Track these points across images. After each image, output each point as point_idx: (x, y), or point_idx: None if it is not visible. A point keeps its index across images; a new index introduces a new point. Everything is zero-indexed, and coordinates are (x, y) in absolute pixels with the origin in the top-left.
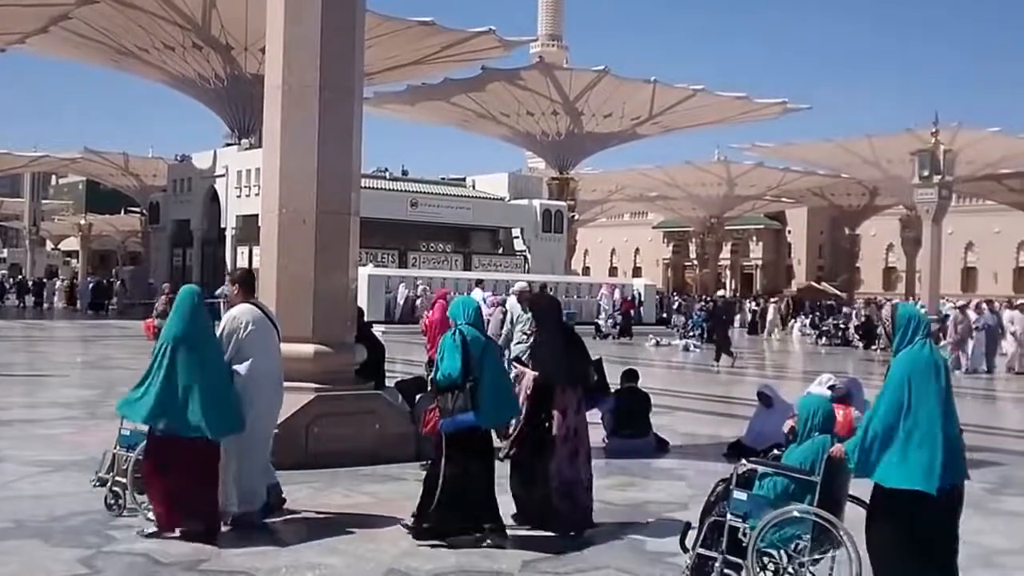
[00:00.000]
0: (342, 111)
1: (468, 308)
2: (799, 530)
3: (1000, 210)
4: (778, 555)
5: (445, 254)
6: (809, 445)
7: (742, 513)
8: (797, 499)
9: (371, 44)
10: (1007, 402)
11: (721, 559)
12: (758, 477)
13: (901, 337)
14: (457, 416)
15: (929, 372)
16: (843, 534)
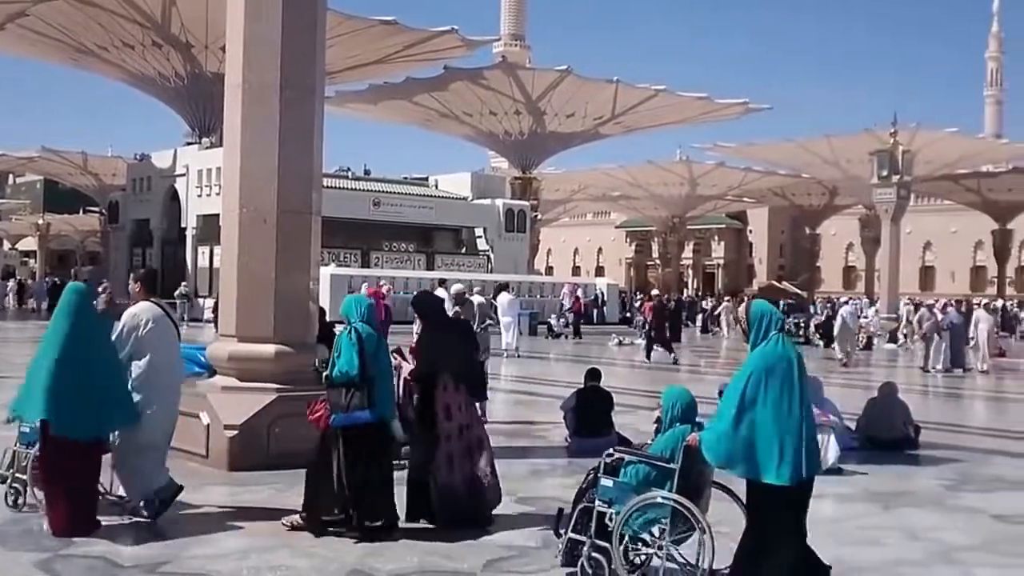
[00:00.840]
0: (303, 110)
1: (361, 306)
2: (659, 514)
3: (957, 210)
4: (649, 538)
5: (408, 254)
6: (670, 434)
7: (608, 499)
8: (658, 485)
9: (333, 43)
10: (967, 400)
11: (589, 543)
12: (624, 465)
13: (755, 333)
14: (353, 412)
15: (780, 367)
16: (699, 518)
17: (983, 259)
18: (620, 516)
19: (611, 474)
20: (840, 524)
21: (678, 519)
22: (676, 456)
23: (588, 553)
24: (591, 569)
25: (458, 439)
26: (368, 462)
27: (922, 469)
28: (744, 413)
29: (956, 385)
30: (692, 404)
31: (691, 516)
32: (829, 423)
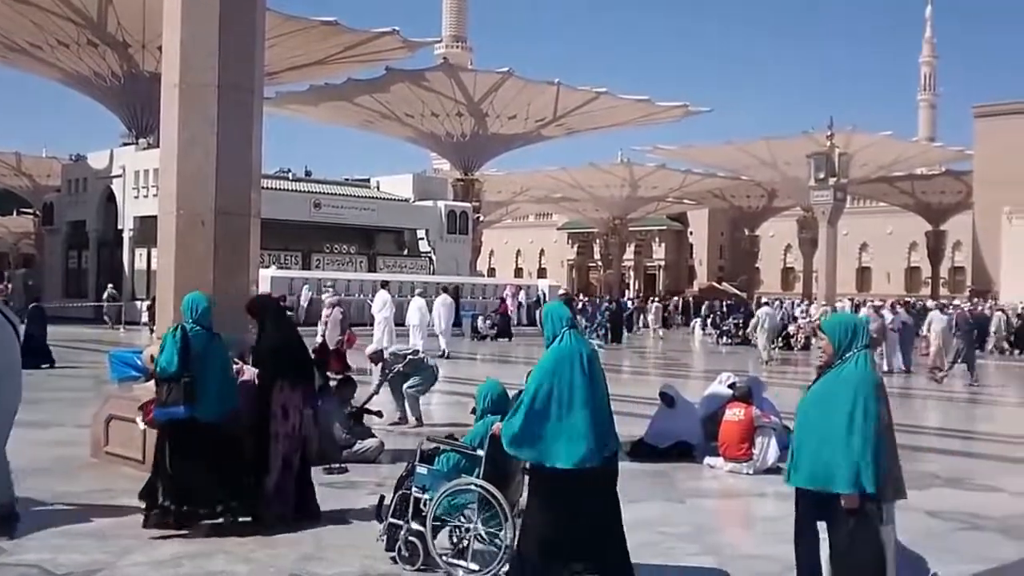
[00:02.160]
0: (241, 110)
1: (195, 305)
2: (468, 499)
3: (892, 211)
4: (462, 521)
5: (349, 255)
6: (480, 425)
7: (423, 485)
8: (467, 472)
9: (273, 43)
10: (908, 399)
11: (406, 527)
12: (439, 454)
13: (551, 330)
14: (169, 408)
15: (572, 361)
16: (501, 501)
17: (917, 260)
18: (433, 501)
19: (427, 462)
20: (780, 522)
21: (485, 504)
22: (485, 445)
23: (405, 537)
24: (407, 552)
25: (295, 438)
26: (189, 455)
27: None
28: (536, 405)
29: (898, 386)
30: (503, 396)
31: (494, 500)
32: (770, 424)
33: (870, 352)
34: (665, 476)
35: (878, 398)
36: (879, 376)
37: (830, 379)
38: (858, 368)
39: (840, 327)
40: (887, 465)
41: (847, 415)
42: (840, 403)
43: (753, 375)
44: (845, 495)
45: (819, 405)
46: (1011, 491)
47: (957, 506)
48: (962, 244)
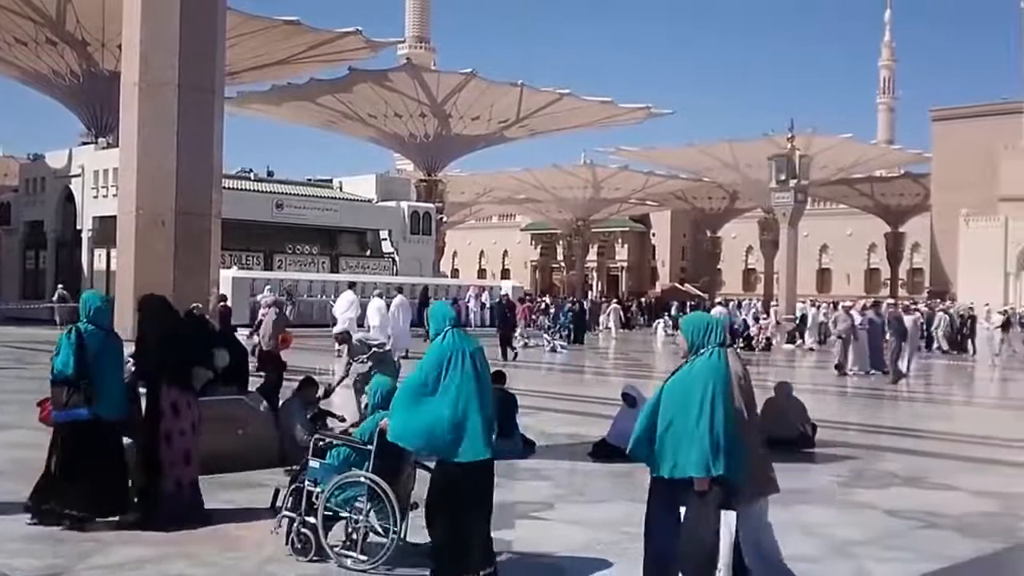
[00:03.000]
0: (202, 109)
1: (89, 305)
2: (358, 492)
3: (852, 213)
4: (352, 512)
5: (312, 256)
6: (370, 419)
7: (315, 479)
8: (358, 466)
9: (234, 42)
10: (872, 400)
11: (299, 519)
12: (330, 448)
13: (435, 328)
14: (71, 409)
15: (455, 359)
16: (388, 493)
17: (877, 261)
18: (324, 494)
19: (319, 456)
20: None
21: (374, 496)
22: (374, 439)
23: (297, 528)
24: (300, 543)
25: (190, 436)
26: (85, 456)
27: (818, 467)
28: (422, 400)
29: (861, 386)
30: (392, 392)
31: (382, 493)
32: None
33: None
34: (627, 476)
35: (728, 390)
36: (740, 370)
37: (684, 373)
38: (710, 361)
39: (695, 325)
40: (742, 455)
41: (698, 405)
42: (693, 394)
43: None
44: (696, 478)
45: (674, 397)
46: (967, 490)
47: (915, 505)
48: (920, 246)
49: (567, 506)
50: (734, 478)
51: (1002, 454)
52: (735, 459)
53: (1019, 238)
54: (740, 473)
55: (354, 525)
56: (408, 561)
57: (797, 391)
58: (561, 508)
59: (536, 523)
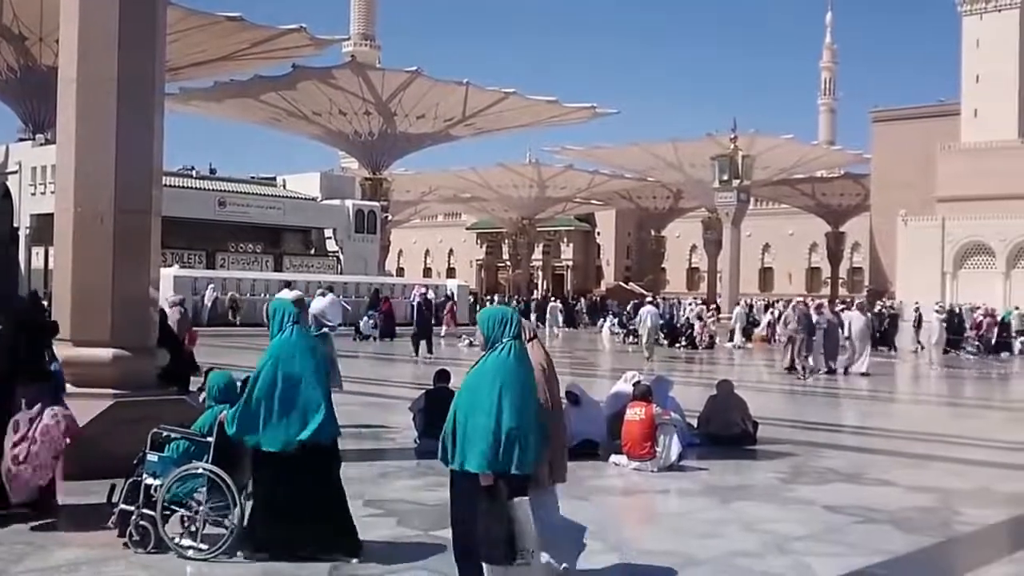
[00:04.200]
0: (142, 106)
1: None
2: (198, 484)
3: (794, 213)
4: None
5: (255, 255)
6: (209, 412)
7: (154, 472)
8: (197, 458)
9: (176, 38)
10: (813, 397)
11: (137, 512)
12: (169, 441)
13: (276, 325)
14: None
15: (294, 354)
16: (229, 484)
17: (818, 260)
18: (163, 487)
19: (158, 450)
20: (681, 518)
21: (213, 487)
22: (212, 431)
23: (136, 521)
24: (138, 536)
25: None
26: None
27: (759, 463)
28: (257, 393)
29: (811, 386)
30: (230, 386)
31: (222, 483)
32: (671, 421)
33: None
34: (571, 474)
35: (520, 383)
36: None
37: (478, 367)
38: (501, 356)
39: (491, 319)
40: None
41: (487, 400)
42: (483, 389)
43: (659, 374)
44: (482, 473)
45: (467, 392)
46: (904, 485)
47: (853, 500)
48: (860, 245)
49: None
50: (524, 472)
51: (938, 450)
52: (527, 452)
53: (956, 238)
54: (532, 465)
55: (193, 516)
56: (249, 548)
57: (739, 389)
58: None
59: None
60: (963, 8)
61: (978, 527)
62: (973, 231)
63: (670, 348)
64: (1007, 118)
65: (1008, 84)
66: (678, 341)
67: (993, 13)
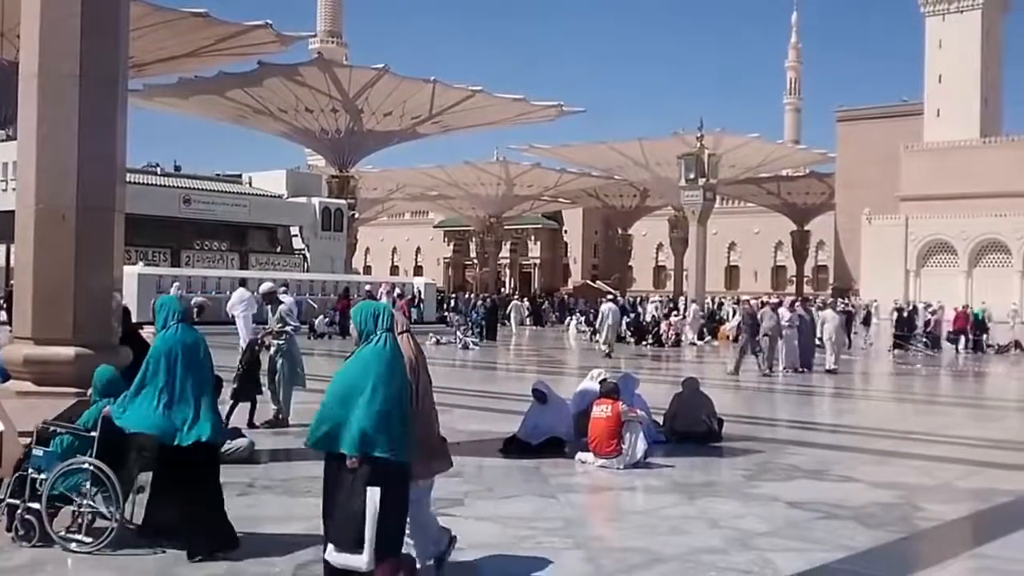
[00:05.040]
0: (105, 102)
1: None
2: (82, 478)
3: (759, 212)
4: (77, 497)
5: (220, 252)
6: (94, 407)
7: (39, 467)
8: (82, 453)
9: (140, 34)
10: (779, 395)
11: (23, 507)
12: (53, 436)
13: (160, 322)
14: None
15: (180, 349)
16: (112, 478)
17: (783, 259)
18: (47, 481)
19: (43, 444)
20: (647, 515)
21: (97, 481)
22: (97, 426)
23: (21, 515)
24: (23, 530)
25: None
26: None
27: (725, 460)
28: (148, 387)
29: (782, 383)
30: (114, 381)
31: (105, 478)
32: (637, 419)
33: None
34: (537, 472)
35: (392, 375)
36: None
37: (353, 359)
38: (376, 348)
39: (364, 312)
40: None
41: (360, 390)
42: (356, 379)
43: (625, 371)
44: (350, 456)
45: (340, 382)
46: (867, 481)
47: (817, 496)
48: (825, 244)
49: (477, 502)
50: (395, 458)
51: (899, 446)
52: (397, 441)
53: (919, 236)
54: (402, 454)
55: (79, 509)
56: (132, 542)
57: (705, 386)
58: (471, 504)
59: (446, 520)
60: (926, 9)
61: (939, 522)
62: (936, 230)
63: (637, 346)
64: (969, 118)
65: (970, 84)
66: (645, 339)
67: (955, 14)
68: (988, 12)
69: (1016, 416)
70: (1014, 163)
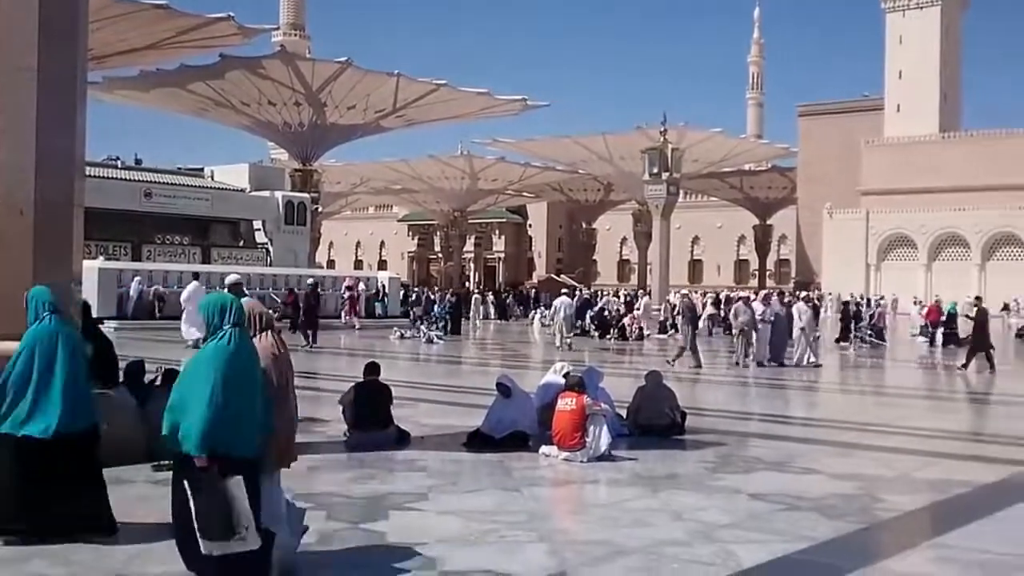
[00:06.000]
0: (63, 95)
1: None
2: None
3: (723, 206)
4: None
5: (182, 247)
6: None
7: None
8: None
9: (100, 26)
10: (752, 388)
11: None
12: None
13: (32, 314)
14: None
15: (47, 341)
16: None
17: (746, 253)
18: None
19: None
20: (611, 508)
21: None
22: None
23: None
24: None
25: None
26: None
27: (688, 453)
28: (11, 380)
29: (750, 376)
30: None
31: None
32: (601, 412)
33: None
34: (501, 465)
35: (240, 371)
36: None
37: (199, 353)
38: (221, 343)
39: (210, 307)
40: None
41: (204, 385)
42: (200, 375)
43: (590, 365)
44: (196, 456)
45: (186, 378)
46: (828, 473)
47: (779, 488)
48: (787, 238)
49: (441, 496)
50: (242, 454)
51: (860, 438)
52: (244, 435)
53: (880, 230)
54: (250, 447)
55: None
56: None
57: (668, 380)
58: (435, 498)
59: (410, 514)
60: (886, 5)
61: (899, 513)
62: (896, 224)
63: (601, 340)
64: (929, 113)
65: (930, 80)
66: (609, 333)
67: (915, 10)
68: (948, 9)
69: (969, 408)
70: (973, 158)
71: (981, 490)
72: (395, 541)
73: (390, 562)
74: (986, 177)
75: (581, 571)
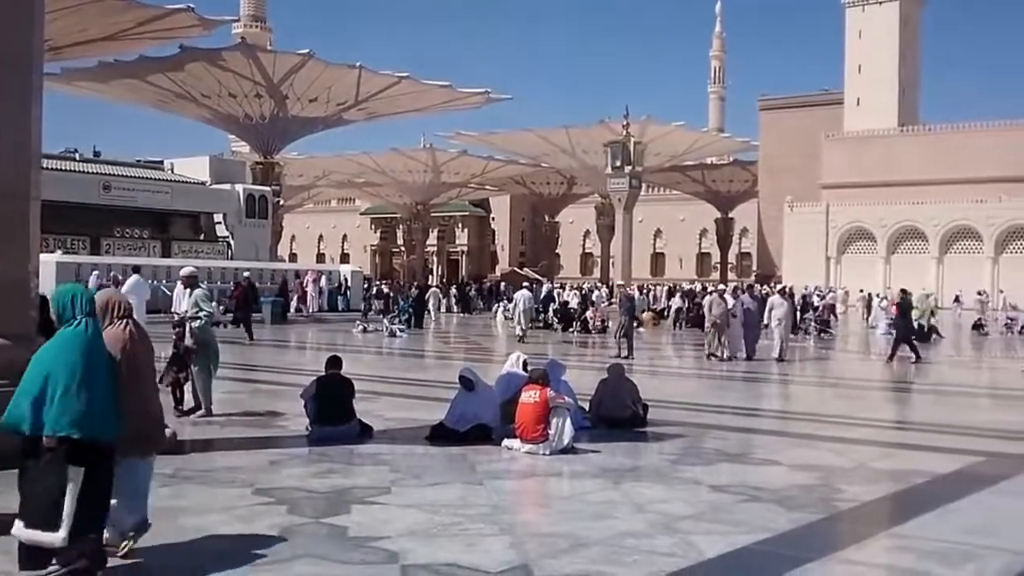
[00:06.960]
0: (18, 86)
1: None
2: None
3: (684, 199)
4: None
5: (142, 240)
6: None
7: None
8: None
9: (57, 16)
10: (715, 381)
11: None
12: None
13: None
14: None
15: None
16: None
17: (708, 246)
18: None
19: None
20: (573, 500)
21: None
22: None
23: None
24: None
25: None
26: None
27: (650, 445)
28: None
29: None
30: None
31: None
32: (565, 404)
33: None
34: (464, 459)
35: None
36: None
37: (51, 341)
38: (76, 331)
39: (62, 297)
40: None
41: (57, 371)
42: (52, 362)
43: (552, 357)
44: (46, 436)
45: (37, 364)
46: (788, 464)
47: (739, 480)
48: (749, 231)
49: (404, 489)
50: (90, 438)
51: (820, 429)
52: (92, 421)
53: (839, 223)
54: (100, 433)
55: None
56: None
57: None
58: (398, 492)
59: (373, 507)
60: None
61: (858, 503)
62: (855, 217)
63: (564, 333)
64: (888, 107)
65: (888, 74)
66: (571, 326)
67: (875, 5)
68: (906, 4)
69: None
70: (931, 153)
71: (937, 480)
72: (357, 535)
73: (352, 556)
74: (944, 171)
75: (543, 563)
